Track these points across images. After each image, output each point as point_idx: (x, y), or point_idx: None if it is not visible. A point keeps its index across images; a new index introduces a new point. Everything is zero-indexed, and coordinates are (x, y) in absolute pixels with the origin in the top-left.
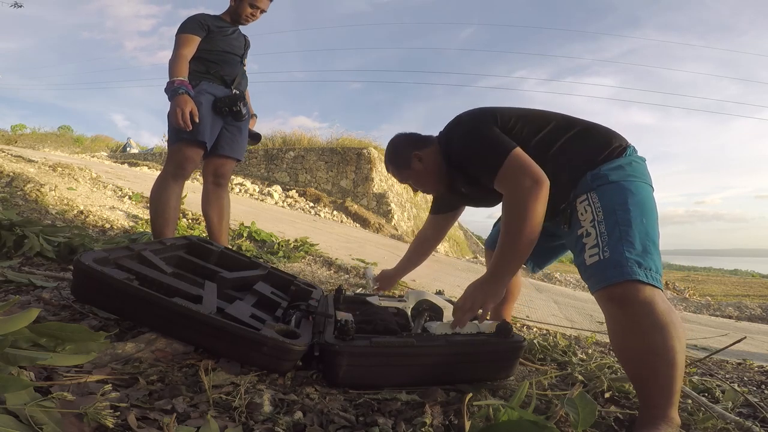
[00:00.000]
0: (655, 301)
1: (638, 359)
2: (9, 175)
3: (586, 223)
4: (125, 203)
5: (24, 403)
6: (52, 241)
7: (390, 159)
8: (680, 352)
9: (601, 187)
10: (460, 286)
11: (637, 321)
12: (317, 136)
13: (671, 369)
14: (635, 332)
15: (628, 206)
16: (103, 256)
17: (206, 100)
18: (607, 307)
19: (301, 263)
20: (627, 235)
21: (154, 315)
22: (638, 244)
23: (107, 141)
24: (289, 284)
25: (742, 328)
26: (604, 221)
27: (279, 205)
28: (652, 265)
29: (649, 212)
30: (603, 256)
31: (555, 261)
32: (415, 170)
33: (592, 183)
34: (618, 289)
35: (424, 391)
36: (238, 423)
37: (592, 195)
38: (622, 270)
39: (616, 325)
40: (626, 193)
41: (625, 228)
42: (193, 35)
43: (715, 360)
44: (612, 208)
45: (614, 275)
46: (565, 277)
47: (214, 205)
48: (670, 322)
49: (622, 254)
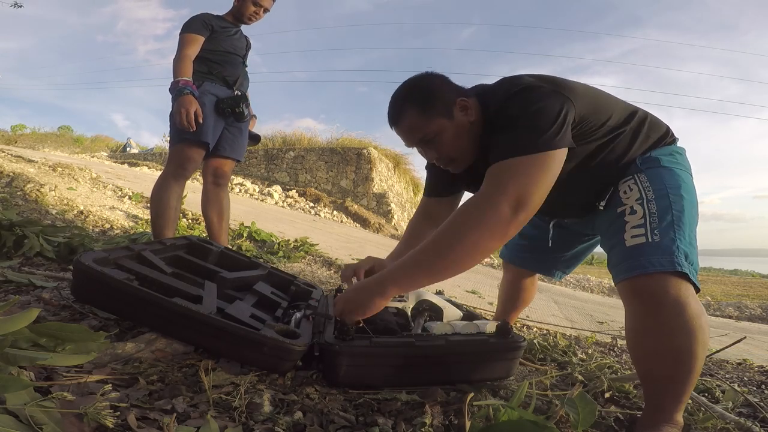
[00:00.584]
0: (689, 301)
1: (657, 361)
2: (9, 175)
3: (630, 201)
4: (125, 203)
5: (24, 403)
6: (52, 241)
7: (418, 100)
8: (701, 359)
9: (651, 170)
10: (459, 286)
11: (665, 321)
12: (317, 136)
13: (689, 375)
14: (661, 333)
15: (681, 192)
16: (103, 256)
17: (209, 101)
18: (634, 299)
19: (301, 263)
20: (680, 222)
21: (154, 315)
22: (688, 234)
23: (107, 141)
24: (289, 284)
25: (742, 328)
26: (655, 201)
27: (279, 205)
28: (696, 260)
29: (696, 205)
30: (651, 238)
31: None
32: (456, 123)
33: (641, 165)
34: (653, 281)
35: (424, 391)
36: (238, 423)
37: (640, 176)
38: (671, 258)
39: (640, 321)
40: (678, 179)
41: (678, 214)
42: (197, 35)
43: (715, 360)
44: (665, 191)
45: (661, 263)
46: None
47: (214, 206)
48: (699, 326)
49: (673, 241)
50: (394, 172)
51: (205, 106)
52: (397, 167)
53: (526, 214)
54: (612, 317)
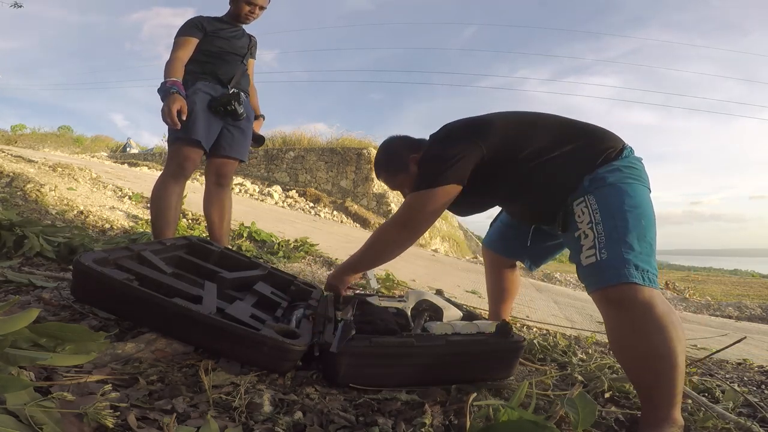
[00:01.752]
0: (654, 302)
1: (639, 361)
2: (9, 175)
3: (583, 225)
4: (125, 203)
5: (24, 403)
6: (52, 241)
7: (383, 164)
8: (681, 354)
9: (598, 190)
10: (460, 286)
11: (636, 323)
12: (317, 136)
13: (672, 371)
14: (635, 335)
15: (625, 208)
16: (103, 256)
17: (200, 99)
18: (605, 308)
19: (301, 263)
20: (625, 237)
21: (154, 315)
22: (636, 245)
23: (107, 141)
24: (289, 284)
25: (742, 328)
26: (602, 223)
27: (279, 205)
28: (649, 266)
29: (647, 214)
30: (600, 257)
31: (551, 259)
32: (411, 172)
33: (589, 186)
34: (615, 291)
35: (424, 391)
36: (238, 423)
37: (590, 198)
38: (618, 272)
39: (615, 327)
40: (623, 195)
41: (623, 229)
42: (189, 37)
43: (715, 360)
44: (610, 210)
45: (611, 277)
46: (565, 277)
47: (215, 206)
48: (670, 323)
49: (620, 255)
50: None
51: (196, 105)
52: None
53: (408, 233)
54: None
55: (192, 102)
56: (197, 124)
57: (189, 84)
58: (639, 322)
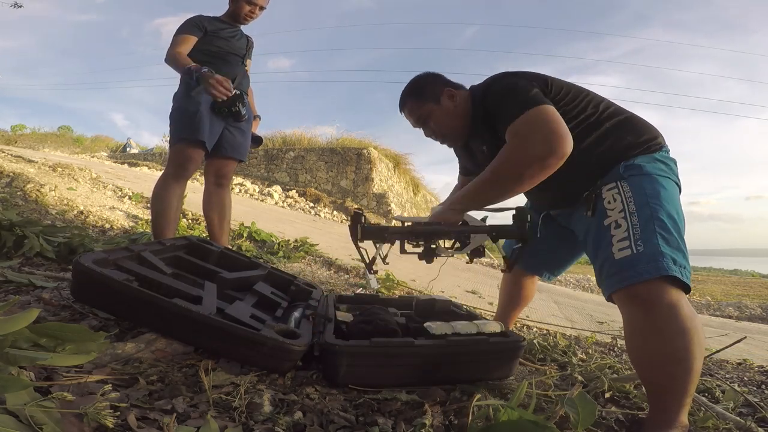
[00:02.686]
0: (681, 304)
1: (657, 364)
2: (9, 175)
3: (614, 213)
4: (125, 203)
5: (24, 403)
6: (52, 241)
7: (414, 91)
8: (700, 359)
9: (633, 177)
10: (459, 286)
11: (660, 325)
12: (317, 136)
13: (689, 375)
14: (657, 336)
15: (661, 200)
16: (103, 257)
17: (205, 101)
18: (629, 307)
19: (301, 263)
20: (663, 229)
21: (154, 316)
22: (673, 240)
23: (107, 141)
24: (289, 284)
25: (742, 328)
26: (637, 213)
27: (279, 205)
28: (686, 263)
29: (680, 211)
30: (636, 249)
31: (568, 267)
32: (443, 107)
33: (624, 173)
34: (645, 288)
35: (424, 391)
36: (238, 423)
37: (623, 184)
38: (657, 264)
39: (638, 328)
40: (660, 186)
41: (659, 222)
42: (188, 35)
43: (715, 360)
44: (645, 200)
45: (648, 270)
46: (565, 277)
47: (215, 206)
48: (693, 327)
49: (657, 249)
50: (395, 172)
51: (201, 106)
52: (397, 167)
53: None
54: (612, 317)
55: (197, 102)
56: (203, 124)
57: (192, 84)
58: (663, 322)
